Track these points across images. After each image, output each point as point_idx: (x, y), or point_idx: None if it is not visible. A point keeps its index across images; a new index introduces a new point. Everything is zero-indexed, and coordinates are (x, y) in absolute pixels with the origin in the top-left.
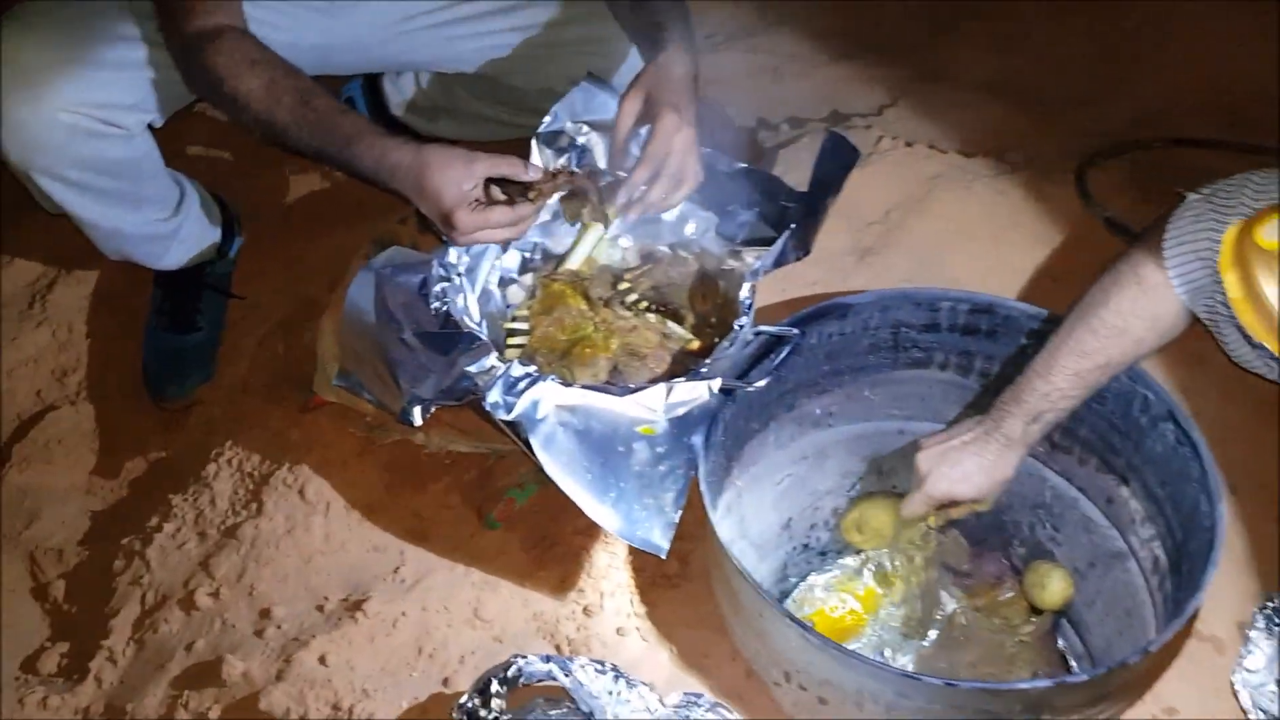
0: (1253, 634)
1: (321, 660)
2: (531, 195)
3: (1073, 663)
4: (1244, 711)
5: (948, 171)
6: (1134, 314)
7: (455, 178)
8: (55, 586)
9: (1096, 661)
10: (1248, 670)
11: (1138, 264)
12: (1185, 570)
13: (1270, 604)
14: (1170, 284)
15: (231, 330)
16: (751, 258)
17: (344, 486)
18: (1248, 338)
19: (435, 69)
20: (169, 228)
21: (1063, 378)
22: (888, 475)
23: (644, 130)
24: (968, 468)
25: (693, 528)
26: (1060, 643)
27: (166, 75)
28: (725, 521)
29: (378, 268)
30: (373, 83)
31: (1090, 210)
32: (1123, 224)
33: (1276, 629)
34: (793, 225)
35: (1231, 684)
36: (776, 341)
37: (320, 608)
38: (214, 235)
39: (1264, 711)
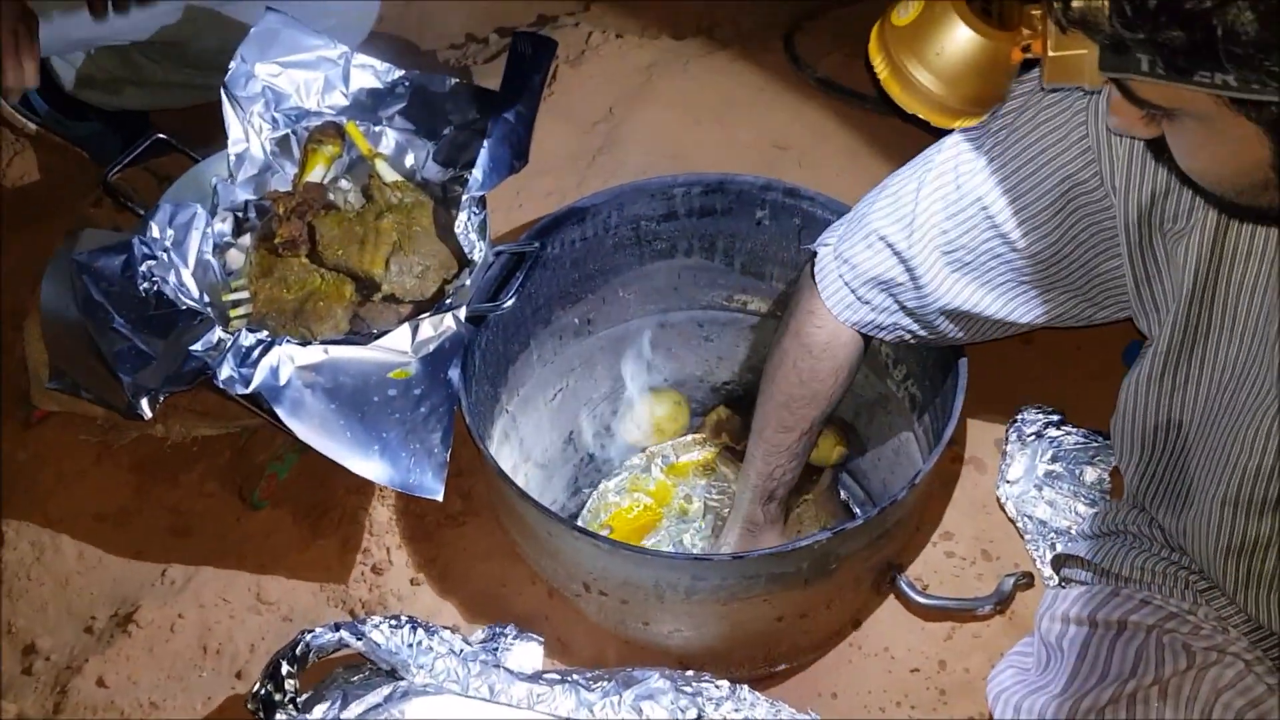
0: (1008, 449)
1: (100, 682)
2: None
3: (855, 509)
4: (1011, 520)
5: (662, 58)
6: (814, 366)
7: None
8: None
9: (877, 502)
10: (1009, 482)
11: (797, 322)
12: (939, 401)
13: (1018, 418)
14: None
15: None
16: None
17: (89, 497)
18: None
19: (110, 43)
20: None
21: (776, 457)
22: (656, 370)
23: None
24: None
25: (470, 462)
26: (842, 494)
27: None
28: (504, 449)
29: (73, 255)
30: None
31: (802, 73)
32: (834, 82)
33: (1029, 440)
34: (497, 136)
35: (997, 498)
36: (519, 259)
37: (89, 629)
38: None
39: (1028, 517)
